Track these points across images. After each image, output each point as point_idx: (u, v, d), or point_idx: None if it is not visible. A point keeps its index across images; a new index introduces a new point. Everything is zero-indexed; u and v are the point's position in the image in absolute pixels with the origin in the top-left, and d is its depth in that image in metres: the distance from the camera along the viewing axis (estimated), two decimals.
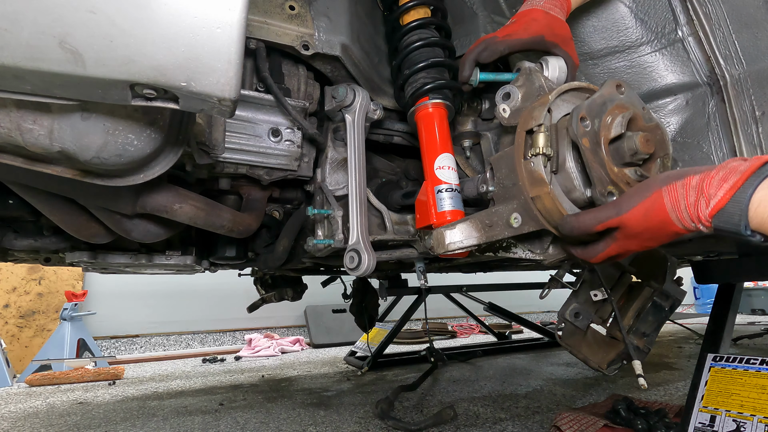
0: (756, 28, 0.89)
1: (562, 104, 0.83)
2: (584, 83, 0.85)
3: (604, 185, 0.74)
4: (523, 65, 0.93)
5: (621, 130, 0.75)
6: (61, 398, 2.40)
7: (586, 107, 0.75)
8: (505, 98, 0.90)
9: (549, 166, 0.78)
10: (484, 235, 0.85)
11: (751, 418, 1.15)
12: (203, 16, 0.51)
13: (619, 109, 0.78)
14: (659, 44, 1.05)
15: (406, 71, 1.10)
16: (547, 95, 0.81)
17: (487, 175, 0.91)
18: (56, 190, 0.89)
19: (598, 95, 0.77)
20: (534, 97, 0.87)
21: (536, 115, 0.79)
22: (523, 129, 0.81)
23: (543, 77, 0.90)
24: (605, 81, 0.80)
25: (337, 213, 1.10)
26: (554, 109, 0.82)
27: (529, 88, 0.89)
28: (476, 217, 0.87)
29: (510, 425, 1.68)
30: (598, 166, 0.74)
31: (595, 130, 0.75)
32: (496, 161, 0.89)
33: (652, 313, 1.39)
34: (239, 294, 3.32)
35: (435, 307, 3.34)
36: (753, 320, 5.14)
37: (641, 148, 0.74)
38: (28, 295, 3.66)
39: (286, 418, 1.85)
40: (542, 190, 0.77)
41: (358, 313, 2.65)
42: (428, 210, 0.99)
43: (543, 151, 0.76)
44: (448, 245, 0.82)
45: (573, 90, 0.84)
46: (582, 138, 0.74)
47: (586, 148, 0.74)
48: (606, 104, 0.77)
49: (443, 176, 1.00)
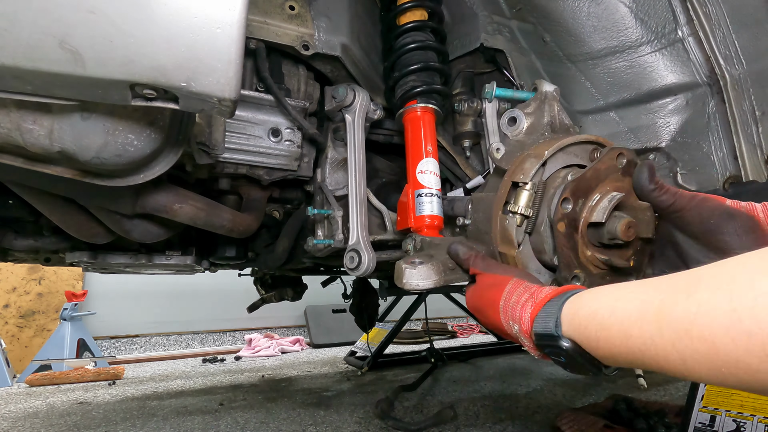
0: (756, 28, 0.89)
1: (561, 155, 0.79)
2: (593, 136, 0.80)
3: (571, 270, 0.72)
4: (541, 87, 0.86)
5: (603, 218, 0.71)
6: (61, 398, 2.40)
7: (572, 188, 0.71)
8: (510, 123, 0.86)
9: (525, 225, 0.76)
10: (442, 279, 0.82)
11: (751, 418, 1.15)
12: (203, 16, 0.51)
13: (611, 185, 0.73)
14: (659, 44, 1.05)
15: (397, 73, 1.10)
16: (546, 147, 0.76)
17: (469, 207, 0.89)
18: (56, 190, 0.89)
19: (592, 170, 0.72)
20: (538, 134, 0.83)
21: (527, 168, 0.75)
22: (510, 179, 0.77)
23: (558, 108, 0.84)
24: (608, 149, 0.75)
25: (337, 213, 1.10)
26: (550, 162, 0.77)
27: (537, 121, 0.83)
28: (439, 260, 0.83)
29: (510, 425, 1.68)
30: (568, 251, 0.72)
31: (576, 211, 0.71)
32: (476, 202, 0.86)
33: None
34: (239, 294, 3.32)
35: (435, 307, 3.34)
36: None
37: (620, 235, 0.70)
38: (28, 295, 3.66)
39: (286, 418, 1.85)
40: (509, 251, 0.76)
41: (358, 313, 2.65)
42: (408, 213, 1.00)
43: (522, 211, 0.74)
44: (405, 283, 0.79)
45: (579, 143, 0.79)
46: (558, 222, 0.71)
47: (559, 233, 0.71)
48: (599, 178, 0.72)
49: (424, 181, 1.00)
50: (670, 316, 0.39)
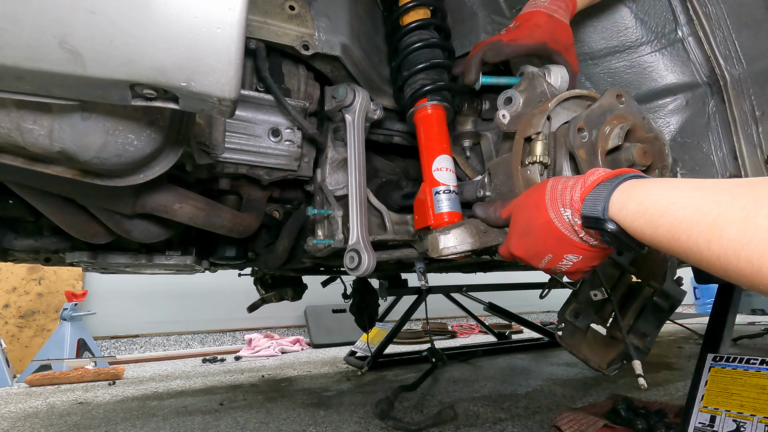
0: (756, 28, 0.89)
1: (562, 112, 0.83)
2: (585, 91, 0.85)
3: None
4: (527, 70, 0.92)
5: (618, 142, 0.75)
6: (61, 398, 2.40)
7: (585, 118, 0.75)
8: (506, 102, 0.90)
9: (545, 174, 0.79)
10: (478, 241, 0.85)
11: (751, 418, 1.15)
12: (203, 16, 0.51)
13: (618, 120, 0.77)
14: (659, 44, 1.05)
15: (405, 72, 1.10)
16: (547, 103, 0.81)
17: (485, 179, 0.92)
18: (56, 190, 0.89)
19: (597, 105, 0.77)
20: (535, 104, 0.87)
21: (535, 122, 0.79)
22: (522, 136, 0.81)
23: (546, 83, 0.90)
24: (606, 90, 0.80)
25: (337, 213, 1.10)
26: (554, 117, 0.82)
27: (531, 94, 0.89)
28: (471, 222, 0.87)
29: (510, 425, 1.68)
30: None
31: (593, 141, 0.75)
32: (494, 167, 0.89)
33: (652, 313, 1.39)
34: (239, 294, 3.32)
35: (435, 307, 3.34)
36: (753, 320, 5.15)
37: (638, 159, 0.74)
38: (28, 295, 3.66)
39: (286, 418, 1.85)
40: None
41: (358, 313, 2.65)
42: (426, 211, 1.00)
43: (540, 159, 0.77)
44: (442, 250, 0.82)
45: (574, 98, 0.84)
46: (578, 149, 0.74)
47: (582, 159, 0.74)
48: (605, 114, 0.77)
49: (441, 178, 1.00)
50: (722, 234, 0.41)
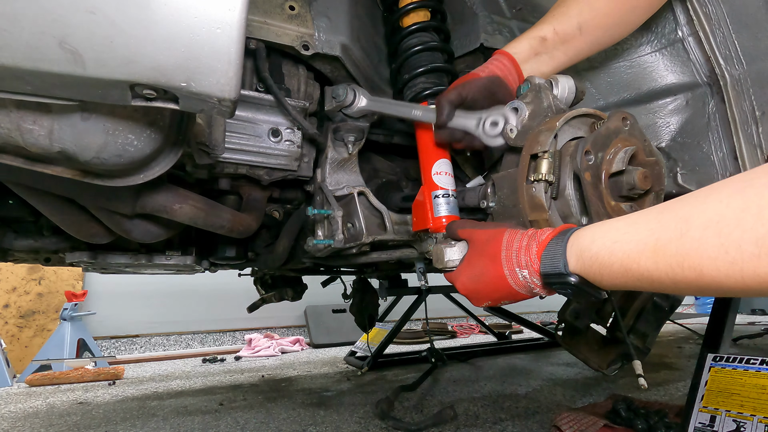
0: (756, 28, 0.89)
1: (568, 129, 0.85)
2: (591, 110, 0.87)
3: (601, 218, 0.76)
4: (533, 81, 0.93)
5: (622, 166, 0.77)
6: (61, 398, 2.40)
7: (592, 141, 0.77)
8: (513, 113, 0.91)
9: (549, 191, 0.80)
10: None
11: (751, 418, 1.15)
12: (203, 17, 0.51)
13: (622, 143, 0.80)
14: (659, 44, 1.04)
15: (406, 75, 1.10)
16: (555, 121, 0.83)
17: (489, 189, 0.94)
18: (56, 190, 0.89)
19: (604, 128, 0.79)
20: (541, 117, 0.88)
21: (542, 140, 0.81)
22: (528, 153, 0.82)
23: (552, 96, 0.91)
24: (612, 112, 0.81)
25: (337, 213, 1.10)
26: (560, 134, 0.83)
27: (537, 106, 0.89)
28: None
29: (510, 425, 1.68)
30: (596, 200, 0.77)
31: (597, 164, 0.77)
32: (499, 180, 0.91)
33: (652, 313, 1.39)
34: (239, 294, 3.32)
35: (435, 307, 3.34)
36: (753, 320, 5.14)
37: (639, 184, 0.77)
38: (28, 295, 3.66)
39: (286, 418, 1.85)
40: (541, 215, 0.80)
41: (358, 313, 2.65)
42: (425, 214, 1.01)
43: (545, 177, 0.79)
44: (447, 262, 0.85)
45: (580, 116, 0.86)
46: (584, 172, 0.76)
47: (587, 182, 0.76)
48: (610, 137, 0.79)
49: (440, 182, 1.01)
50: (665, 253, 0.49)
